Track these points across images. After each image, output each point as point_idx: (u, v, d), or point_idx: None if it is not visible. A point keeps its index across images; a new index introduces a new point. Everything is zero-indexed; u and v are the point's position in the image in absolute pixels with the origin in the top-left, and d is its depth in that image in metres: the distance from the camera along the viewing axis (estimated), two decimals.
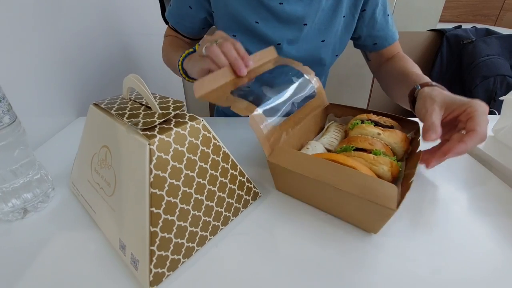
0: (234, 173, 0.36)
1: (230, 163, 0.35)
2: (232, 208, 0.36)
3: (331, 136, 0.50)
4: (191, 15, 0.67)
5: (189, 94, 1.38)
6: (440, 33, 1.05)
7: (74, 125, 0.66)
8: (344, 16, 0.66)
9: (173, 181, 0.29)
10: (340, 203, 0.36)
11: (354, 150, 0.40)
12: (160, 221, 0.28)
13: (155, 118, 0.30)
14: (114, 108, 0.33)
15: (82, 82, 0.73)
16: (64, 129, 0.63)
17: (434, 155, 0.39)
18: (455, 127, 0.42)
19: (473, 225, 0.38)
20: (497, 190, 0.45)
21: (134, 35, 1.01)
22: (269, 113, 0.42)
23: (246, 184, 0.38)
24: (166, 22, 0.80)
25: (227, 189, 0.35)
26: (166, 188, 0.28)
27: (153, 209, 0.27)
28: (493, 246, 0.35)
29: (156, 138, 0.28)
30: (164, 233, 0.28)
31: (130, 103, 0.34)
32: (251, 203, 0.40)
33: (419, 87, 0.47)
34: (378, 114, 0.48)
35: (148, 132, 0.28)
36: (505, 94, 0.57)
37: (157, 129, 0.29)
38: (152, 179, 0.27)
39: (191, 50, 0.55)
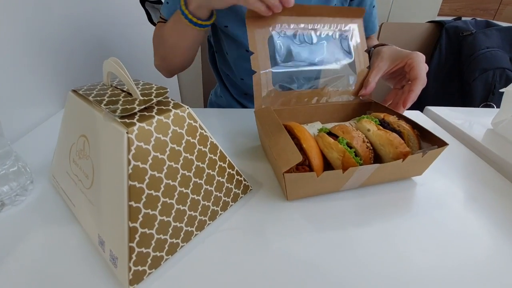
0: (223, 165, 0.34)
1: (219, 154, 0.33)
2: (221, 202, 0.34)
3: (341, 124, 0.49)
4: None
5: (183, 84, 1.35)
6: (439, 24, 1.03)
7: (59, 116, 0.63)
8: (335, 5, 0.65)
9: (155, 173, 0.27)
10: (275, 164, 0.40)
11: (328, 133, 0.41)
12: (140, 216, 0.26)
13: (135, 105, 0.27)
14: (93, 95, 0.31)
15: (69, 71, 0.70)
16: (48, 120, 0.61)
17: (398, 107, 0.49)
18: (404, 76, 0.51)
19: (471, 219, 0.36)
20: (496, 183, 0.43)
21: (125, 24, 0.97)
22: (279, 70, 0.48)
23: (236, 177, 0.36)
24: (154, 25, 0.75)
25: (215, 182, 0.33)
26: (147, 180, 0.26)
27: (132, 203, 0.25)
28: (491, 240, 0.33)
29: (135, 126, 0.26)
30: (145, 228, 0.26)
31: (110, 89, 0.32)
32: (241, 197, 0.38)
33: (373, 48, 0.57)
34: (408, 121, 0.44)
35: (127, 120, 0.26)
36: (504, 87, 0.56)
37: (137, 117, 0.27)
38: (130, 171, 0.25)
39: None
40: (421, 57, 0.49)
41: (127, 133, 0.25)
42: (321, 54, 0.59)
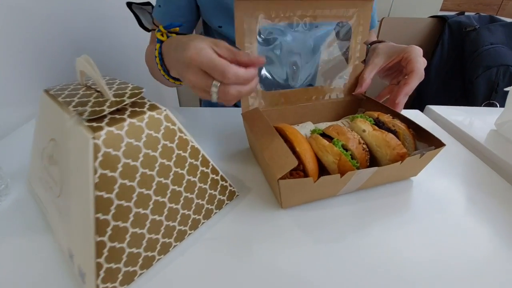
0: (205, 170, 0.32)
1: (201, 159, 0.31)
2: (203, 210, 0.32)
3: (334, 123, 0.47)
4: (187, 8, 0.60)
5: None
6: (442, 19, 1.00)
7: None
8: None
9: (126, 181, 0.24)
10: (267, 169, 0.38)
11: (321, 134, 0.39)
12: (108, 229, 0.24)
13: (105, 107, 0.25)
14: (63, 95, 0.28)
15: (53, 71, 0.67)
16: (30, 122, 0.58)
17: (394, 104, 0.46)
18: (401, 72, 0.49)
19: (471, 224, 0.34)
20: (498, 188, 0.41)
21: (116, 20, 0.95)
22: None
23: (220, 182, 0.34)
24: (146, 30, 0.72)
25: (196, 188, 0.31)
26: (116, 190, 0.24)
27: (99, 215, 0.23)
28: (492, 247, 0.31)
29: (102, 131, 0.23)
30: (114, 242, 0.24)
31: (83, 89, 0.30)
32: (227, 203, 0.36)
33: (369, 45, 0.53)
34: (403, 119, 0.42)
35: (94, 124, 0.24)
36: (508, 86, 0.53)
37: (106, 120, 0.24)
38: (97, 180, 0.23)
39: (158, 45, 0.41)
40: (418, 51, 0.46)
41: (93, 138, 0.23)
42: (315, 46, 0.56)
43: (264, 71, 0.46)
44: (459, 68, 0.97)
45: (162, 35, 0.40)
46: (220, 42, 0.33)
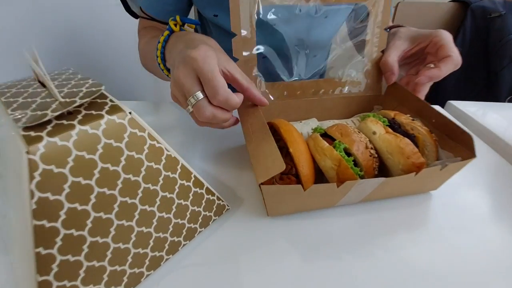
0: (186, 184, 0.26)
1: (179, 171, 0.26)
2: (184, 231, 0.27)
3: (343, 121, 0.41)
4: None
5: None
6: (463, 4, 0.91)
7: None
8: None
9: (75, 205, 0.19)
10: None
11: (323, 134, 0.33)
12: (54, 266, 0.19)
13: (48, 111, 0.20)
14: (9, 94, 0.23)
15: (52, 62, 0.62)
16: None
17: (413, 86, 0.41)
18: (423, 60, 0.42)
19: (502, 245, 0.29)
20: None
21: (102, 7, 0.89)
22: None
23: (206, 196, 0.29)
24: (134, 16, 0.66)
25: (173, 206, 0.26)
26: (63, 216, 0.19)
27: (40, 249, 0.18)
28: None
29: (41, 142, 0.18)
30: (63, 281, 0.19)
31: (34, 86, 0.24)
32: (214, 219, 0.30)
33: (389, 30, 0.47)
34: (431, 115, 0.36)
35: (32, 133, 0.18)
36: None
37: (49, 128, 0.19)
38: (35, 206, 0.18)
39: (167, 33, 0.38)
40: (449, 36, 0.40)
41: (27, 152, 0.17)
42: (325, 37, 0.49)
43: (264, 61, 0.40)
44: (483, 58, 0.89)
45: (175, 25, 0.37)
46: (234, 64, 0.33)
